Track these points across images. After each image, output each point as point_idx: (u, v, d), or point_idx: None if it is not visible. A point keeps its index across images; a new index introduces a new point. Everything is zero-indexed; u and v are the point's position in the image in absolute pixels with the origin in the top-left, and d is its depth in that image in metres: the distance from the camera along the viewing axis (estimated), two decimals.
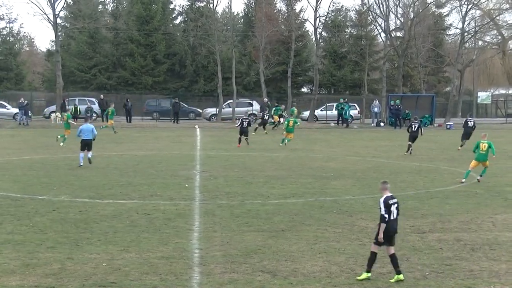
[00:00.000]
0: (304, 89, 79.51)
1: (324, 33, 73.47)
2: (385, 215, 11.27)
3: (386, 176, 23.54)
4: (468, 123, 36.04)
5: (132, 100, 60.01)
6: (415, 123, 32.69)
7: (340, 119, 57.54)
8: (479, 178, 22.82)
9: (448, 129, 55.54)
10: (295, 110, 48.85)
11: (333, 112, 60.14)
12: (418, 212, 17.49)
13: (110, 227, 15.10)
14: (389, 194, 11.51)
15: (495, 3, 68.96)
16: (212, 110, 63.60)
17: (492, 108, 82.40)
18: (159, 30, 70.72)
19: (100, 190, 20.31)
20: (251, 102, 62.99)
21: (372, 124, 58.93)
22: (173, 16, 77.52)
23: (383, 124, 58.62)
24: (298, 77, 73.50)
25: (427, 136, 40.64)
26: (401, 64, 65.87)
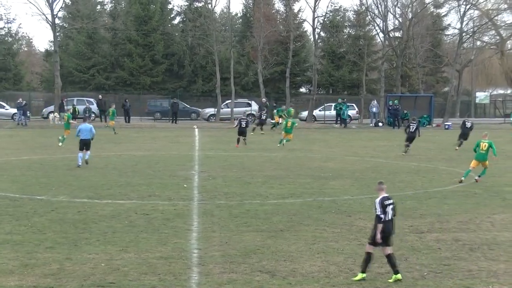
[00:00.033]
0: (303, 89, 79.61)
1: (323, 33, 73.58)
2: (381, 216, 11.24)
3: (384, 176, 23.59)
4: (466, 124, 36.05)
5: (131, 101, 60.00)
6: (413, 124, 32.69)
7: (338, 119, 57.60)
8: (477, 178, 22.81)
9: (446, 129, 55.52)
10: (292, 111, 48.59)
11: (332, 112, 60.20)
12: (416, 212, 17.50)
13: (109, 227, 15.09)
14: (385, 195, 11.46)
15: (493, 3, 69.09)
16: (210, 111, 63.63)
17: (491, 108, 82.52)
18: (157, 30, 70.71)
19: (99, 190, 20.30)
20: (250, 102, 62.96)
21: (371, 124, 58.94)
22: (172, 16, 77.56)
23: (381, 124, 58.63)
24: (297, 77, 73.55)
25: (426, 136, 40.66)
26: (399, 64, 65.91)
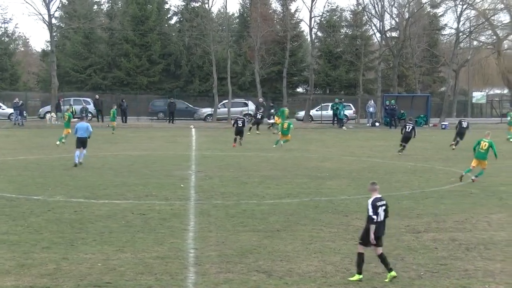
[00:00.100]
0: (299, 89, 79.59)
1: (319, 33, 73.62)
2: (373, 217, 11.19)
3: (381, 176, 23.63)
4: (462, 124, 36.08)
5: (127, 101, 59.93)
6: (409, 124, 32.69)
7: (335, 119, 57.57)
8: (473, 178, 22.81)
9: (443, 129, 55.62)
10: (286, 111, 47.54)
11: (329, 112, 60.13)
12: (413, 212, 17.50)
13: (105, 227, 15.08)
14: (378, 196, 11.40)
15: (490, 3, 69.21)
16: (207, 110, 63.60)
17: (487, 108, 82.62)
18: (154, 30, 70.65)
19: (95, 190, 20.28)
20: (246, 102, 62.94)
21: (368, 124, 59.00)
22: (168, 16, 77.46)
23: (378, 124, 58.67)
24: (293, 77, 73.54)
25: (422, 136, 40.71)
26: (396, 64, 65.98)
